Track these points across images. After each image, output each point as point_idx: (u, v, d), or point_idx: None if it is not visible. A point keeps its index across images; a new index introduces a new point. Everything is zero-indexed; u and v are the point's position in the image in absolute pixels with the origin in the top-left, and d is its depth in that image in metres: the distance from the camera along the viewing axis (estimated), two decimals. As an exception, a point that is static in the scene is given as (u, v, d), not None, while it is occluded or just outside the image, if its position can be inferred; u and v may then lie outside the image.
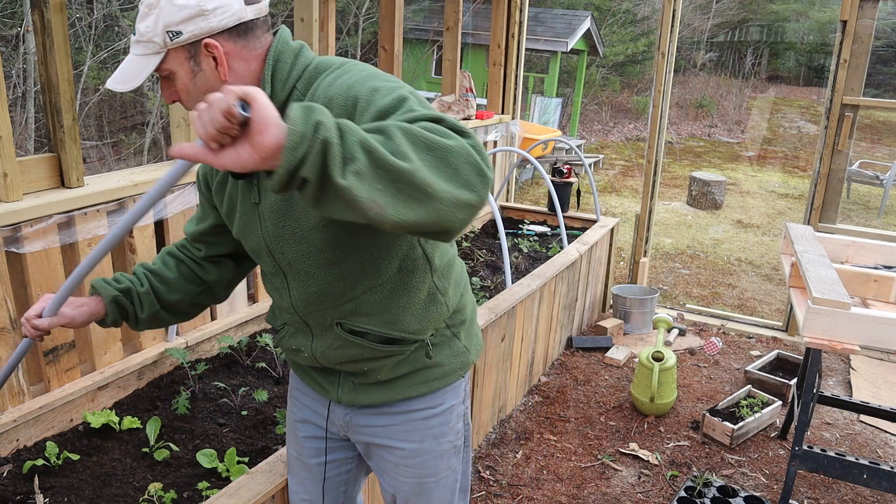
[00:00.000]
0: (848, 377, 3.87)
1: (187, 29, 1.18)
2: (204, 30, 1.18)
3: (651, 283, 5.70)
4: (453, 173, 0.95)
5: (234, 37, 1.21)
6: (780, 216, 8.99)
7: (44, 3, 2.09)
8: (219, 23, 1.18)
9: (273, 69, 1.25)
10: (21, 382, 2.12)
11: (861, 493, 2.85)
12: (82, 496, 1.92)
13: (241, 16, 1.21)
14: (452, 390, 1.51)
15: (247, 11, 1.22)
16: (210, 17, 1.18)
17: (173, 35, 1.18)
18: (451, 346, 1.48)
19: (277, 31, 1.28)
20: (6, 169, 2.04)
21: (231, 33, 1.21)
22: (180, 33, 1.18)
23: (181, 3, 1.17)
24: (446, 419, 1.51)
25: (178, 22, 1.17)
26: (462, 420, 1.57)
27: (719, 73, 21.60)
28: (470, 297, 1.57)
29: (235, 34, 1.21)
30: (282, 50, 1.26)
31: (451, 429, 1.53)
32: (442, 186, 0.93)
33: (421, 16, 14.63)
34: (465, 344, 1.51)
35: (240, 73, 1.24)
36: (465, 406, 1.57)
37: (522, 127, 6.11)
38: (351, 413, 1.51)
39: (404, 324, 1.37)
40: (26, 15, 7.89)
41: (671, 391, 3.36)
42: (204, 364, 2.62)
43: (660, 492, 2.82)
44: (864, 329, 2.19)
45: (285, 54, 1.26)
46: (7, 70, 7.97)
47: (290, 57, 1.26)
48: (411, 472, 1.52)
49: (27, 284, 2.11)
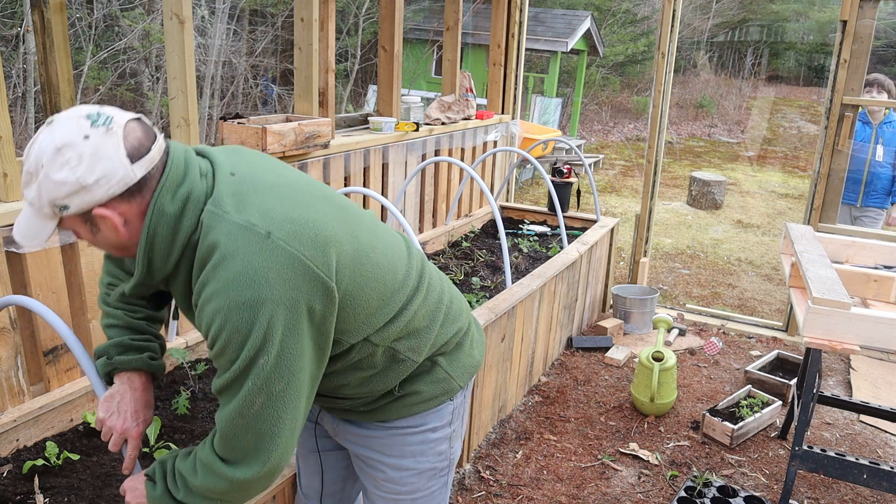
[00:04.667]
0: (848, 377, 3.87)
1: (73, 203, 1.13)
2: (91, 202, 1.13)
3: (651, 283, 5.70)
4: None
5: (128, 198, 1.16)
6: (780, 216, 8.99)
7: (44, 3, 2.09)
8: (105, 193, 1.13)
9: (146, 249, 1.20)
10: (21, 382, 2.12)
11: (861, 493, 2.85)
12: (82, 496, 1.92)
13: (129, 179, 1.14)
14: (435, 413, 1.50)
15: (135, 171, 1.14)
16: (94, 190, 1.12)
17: (61, 209, 1.14)
18: (431, 374, 1.48)
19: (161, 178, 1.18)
20: (6, 169, 2.04)
21: (123, 196, 1.15)
22: (67, 206, 1.14)
23: (60, 179, 1.11)
24: (426, 438, 1.51)
25: (63, 197, 1.13)
26: (447, 442, 1.55)
27: (719, 73, 21.60)
28: (455, 326, 1.52)
29: (128, 195, 1.16)
30: (156, 223, 1.18)
31: (432, 449, 1.53)
32: None
33: (421, 16, 14.62)
34: (447, 371, 1.49)
35: (139, 227, 1.20)
36: (451, 428, 1.55)
37: (522, 127, 6.12)
38: (337, 421, 1.56)
39: (365, 388, 1.41)
40: (26, 15, 7.88)
41: (671, 391, 3.36)
42: (204, 364, 2.62)
43: (660, 492, 2.82)
44: (864, 329, 2.19)
45: (161, 228, 1.18)
46: (7, 70, 7.97)
47: (167, 229, 1.18)
48: (388, 486, 1.54)
49: (27, 284, 2.11)
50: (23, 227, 1.20)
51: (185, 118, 2.64)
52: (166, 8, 2.53)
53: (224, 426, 1.23)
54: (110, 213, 1.16)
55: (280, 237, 1.16)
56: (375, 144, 3.65)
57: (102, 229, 1.19)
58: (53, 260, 2.17)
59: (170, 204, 1.18)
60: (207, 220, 1.18)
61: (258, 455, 1.22)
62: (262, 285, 1.13)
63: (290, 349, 1.17)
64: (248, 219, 1.17)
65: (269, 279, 1.13)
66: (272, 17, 12.07)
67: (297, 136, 2.94)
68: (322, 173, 3.30)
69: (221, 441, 1.24)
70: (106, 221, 1.17)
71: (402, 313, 1.38)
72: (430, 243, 4.21)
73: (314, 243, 1.18)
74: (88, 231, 1.21)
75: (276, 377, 1.18)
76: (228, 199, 1.19)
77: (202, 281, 1.17)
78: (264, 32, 11.86)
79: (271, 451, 1.22)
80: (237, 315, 1.13)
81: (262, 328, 1.14)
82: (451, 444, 1.57)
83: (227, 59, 10.23)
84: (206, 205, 1.19)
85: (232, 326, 1.14)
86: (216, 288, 1.14)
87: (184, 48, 2.55)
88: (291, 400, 1.22)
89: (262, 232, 1.16)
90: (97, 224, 1.18)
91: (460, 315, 1.55)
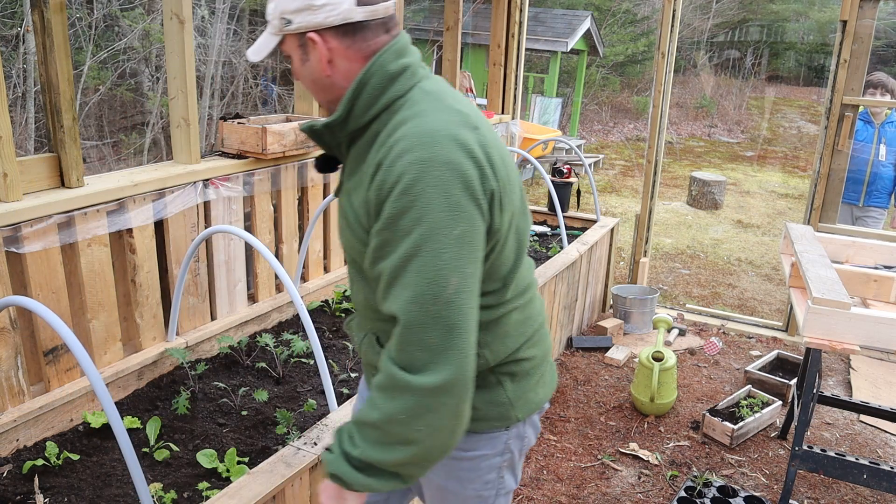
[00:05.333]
0: (848, 377, 3.87)
1: (296, 19, 1.24)
2: (310, 23, 1.23)
3: (651, 283, 5.70)
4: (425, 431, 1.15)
5: (341, 35, 1.24)
6: (780, 216, 8.99)
7: (44, 3, 2.09)
8: (324, 19, 1.22)
9: (356, 88, 1.24)
10: (21, 382, 2.12)
11: (861, 493, 2.85)
12: (82, 496, 1.92)
13: (349, 16, 1.22)
14: (488, 440, 1.41)
15: (356, 12, 1.22)
16: (317, 13, 1.22)
17: (286, 23, 1.25)
18: (492, 392, 1.39)
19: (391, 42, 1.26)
20: (6, 169, 2.04)
21: (338, 31, 1.23)
22: (290, 22, 1.24)
23: None
24: (476, 465, 1.43)
25: (291, 11, 1.24)
26: (497, 472, 1.47)
27: (719, 73, 21.60)
28: (534, 351, 1.45)
29: (342, 33, 1.24)
30: (375, 69, 1.23)
31: (480, 478, 1.45)
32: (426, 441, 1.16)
33: (421, 16, 14.62)
34: (509, 396, 1.40)
35: (342, 70, 1.27)
36: (502, 458, 1.46)
37: (522, 127, 6.11)
38: None
39: None
40: (26, 15, 7.89)
41: (671, 391, 3.36)
42: (204, 364, 2.62)
43: (660, 492, 2.82)
44: (864, 329, 2.19)
45: (378, 75, 1.23)
46: (7, 70, 7.97)
47: (381, 79, 1.24)
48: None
49: (27, 284, 2.11)
50: (257, 42, 1.33)
51: (185, 118, 2.64)
52: (166, 8, 2.53)
53: (416, 318, 1.12)
54: (321, 42, 1.24)
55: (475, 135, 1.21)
56: (375, 144, 3.65)
57: (311, 58, 1.27)
58: (53, 260, 2.17)
59: (391, 64, 1.24)
60: (417, 95, 1.24)
61: (447, 354, 1.12)
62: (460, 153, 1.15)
63: (477, 230, 1.16)
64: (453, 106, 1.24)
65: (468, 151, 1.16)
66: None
67: (297, 136, 2.94)
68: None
69: (401, 343, 1.14)
70: (316, 49, 1.25)
71: (502, 302, 1.33)
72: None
73: (496, 157, 1.23)
74: (300, 57, 1.29)
75: (468, 254, 1.14)
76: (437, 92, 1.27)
77: (398, 137, 1.18)
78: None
79: (462, 349, 1.13)
80: (437, 170, 1.12)
81: (455, 195, 1.12)
82: (501, 475, 1.49)
83: (227, 59, 10.23)
84: (418, 84, 1.26)
85: (434, 182, 1.12)
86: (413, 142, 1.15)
87: (184, 48, 2.55)
88: (476, 292, 1.17)
89: (463, 120, 1.21)
90: (308, 51, 1.27)
91: (542, 344, 1.49)
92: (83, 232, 2.24)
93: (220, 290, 2.85)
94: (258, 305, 3.04)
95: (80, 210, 2.21)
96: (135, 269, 2.46)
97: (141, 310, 2.50)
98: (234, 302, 2.93)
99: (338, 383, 2.57)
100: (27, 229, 2.07)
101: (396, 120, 1.21)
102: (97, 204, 2.27)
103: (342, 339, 2.95)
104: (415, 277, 1.11)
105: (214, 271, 2.80)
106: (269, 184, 2.99)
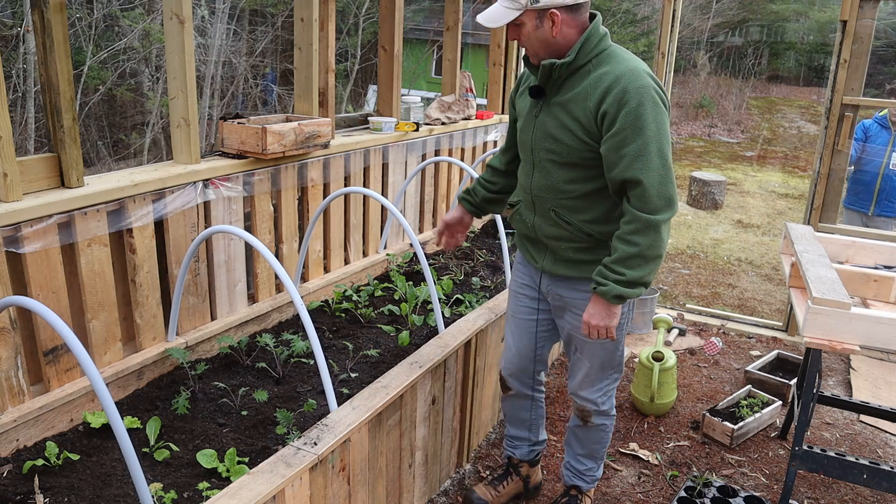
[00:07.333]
0: (848, 377, 3.87)
1: (544, 0, 1.90)
2: (555, 3, 1.90)
3: (651, 283, 5.70)
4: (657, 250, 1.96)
5: (568, 10, 1.93)
6: (780, 216, 8.99)
7: (44, 3, 2.09)
8: (563, 1, 1.90)
9: (584, 42, 1.95)
10: (21, 382, 2.12)
11: (861, 493, 2.85)
12: (82, 496, 1.92)
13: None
14: None
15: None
16: None
17: (534, 1, 1.90)
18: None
19: (595, 15, 1.99)
20: (6, 169, 2.04)
21: (568, 8, 1.93)
22: (538, 1, 1.90)
23: None
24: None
25: None
26: (626, 305, 2.17)
27: (719, 73, 21.59)
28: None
29: (569, 9, 1.93)
30: (593, 32, 1.96)
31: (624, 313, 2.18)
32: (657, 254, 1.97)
33: (421, 16, 14.62)
34: None
35: (564, 34, 1.95)
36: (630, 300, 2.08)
37: (522, 127, 6.10)
38: (551, 283, 2.24)
39: (596, 226, 2.06)
40: (26, 15, 7.89)
41: (671, 391, 3.36)
42: (204, 364, 2.62)
43: (660, 492, 2.82)
44: (864, 329, 2.19)
45: (594, 36, 1.96)
46: (7, 70, 7.97)
47: (597, 38, 1.96)
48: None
49: (27, 284, 2.11)
50: (491, 12, 1.96)
51: (185, 118, 2.64)
52: (166, 8, 2.53)
53: (655, 180, 1.87)
54: (559, 15, 1.92)
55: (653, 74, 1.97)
56: (375, 144, 3.65)
57: (545, 26, 1.94)
58: (53, 260, 2.17)
59: (600, 29, 1.98)
60: (615, 49, 1.99)
61: (672, 199, 1.91)
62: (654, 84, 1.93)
63: (668, 126, 1.94)
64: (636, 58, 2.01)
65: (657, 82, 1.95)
66: (272, 17, 12.07)
67: (297, 136, 2.94)
68: (322, 173, 3.30)
69: (646, 197, 1.87)
70: (553, 20, 1.92)
71: None
72: (430, 243, 4.21)
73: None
74: (533, 25, 1.94)
75: (668, 140, 1.91)
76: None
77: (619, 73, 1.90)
78: (264, 32, 11.86)
79: (675, 196, 1.94)
80: (648, 92, 1.88)
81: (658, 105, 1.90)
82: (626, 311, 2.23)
83: (227, 59, 10.23)
84: (612, 44, 1.99)
85: (648, 98, 1.87)
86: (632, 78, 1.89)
87: (184, 48, 2.55)
88: None
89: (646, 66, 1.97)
90: (544, 22, 1.93)
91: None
92: (83, 232, 2.24)
93: (220, 290, 2.85)
94: (258, 305, 3.03)
95: (80, 210, 2.21)
96: (135, 269, 2.46)
97: (141, 310, 2.50)
98: (234, 302, 2.93)
99: (338, 383, 2.57)
100: (27, 229, 2.07)
101: (607, 62, 1.93)
102: (97, 204, 2.27)
103: (342, 339, 2.95)
104: (654, 156, 1.87)
105: (214, 271, 2.80)
106: (269, 184, 2.99)
